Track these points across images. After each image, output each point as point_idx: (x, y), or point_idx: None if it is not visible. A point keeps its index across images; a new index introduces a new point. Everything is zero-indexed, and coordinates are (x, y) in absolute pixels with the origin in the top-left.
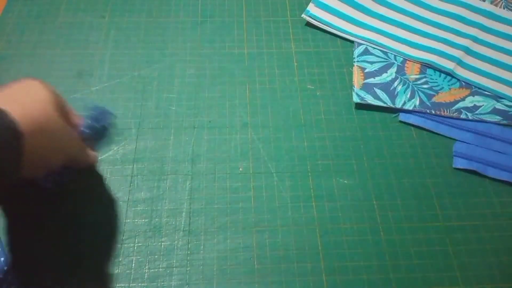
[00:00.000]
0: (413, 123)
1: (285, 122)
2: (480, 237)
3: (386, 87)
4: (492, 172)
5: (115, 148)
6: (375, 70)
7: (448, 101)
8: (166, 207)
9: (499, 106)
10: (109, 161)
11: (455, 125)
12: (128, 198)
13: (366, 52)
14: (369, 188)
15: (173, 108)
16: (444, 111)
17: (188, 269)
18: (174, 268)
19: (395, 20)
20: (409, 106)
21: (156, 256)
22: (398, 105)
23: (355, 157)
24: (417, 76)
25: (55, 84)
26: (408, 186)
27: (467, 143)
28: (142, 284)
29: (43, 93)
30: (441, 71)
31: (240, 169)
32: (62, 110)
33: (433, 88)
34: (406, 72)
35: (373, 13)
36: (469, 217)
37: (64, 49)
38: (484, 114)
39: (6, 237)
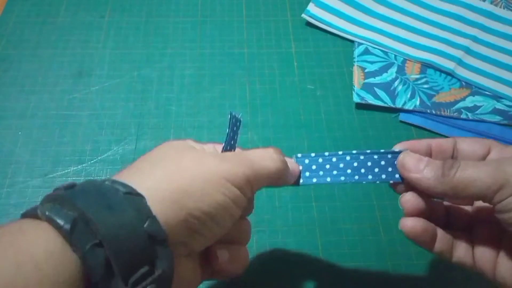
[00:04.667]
0: (414, 123)
1: (285, 122)
2: None
3: (386, 87)
4: None
5: (115, 148)
6: (375, 70)
7: (449, 101)
8: None
9: (499, 106)
10: (109, 161)
11: (456, 125)
12: None
13: (366, 52)
14: (369, 188)
15: (173, 108)
16: (444, 111)
17: None
18: None
19: (396, 20)
20: (409, 106)
21: None
22: (399, 105)
23: None
24: (418, 76)
25: (54, 84)
26: None
27: None
28: None
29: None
30: (441, 71)
31: None
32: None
33: (434, 88)
34: (406, 72)
35: (374, 13)
36: None
37: (64, 49)
38: (485, 114)
39: None
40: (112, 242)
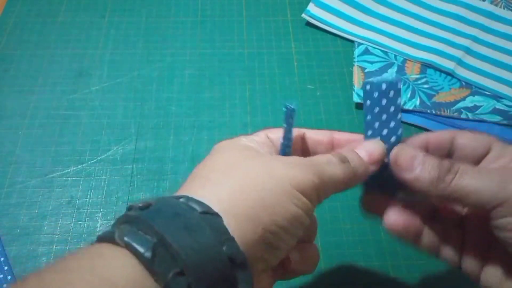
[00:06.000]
0: (414, 123)
1: None
2: None
3: None
4: None
5: (115, 148)
6: (375, 70)
7: (449, 101)
8: None
9: (499, 106)
10: (109, 161)
11: (456, 125)
12: (128, 199)
13: (366, 52)
14: None
15: (173, 108)
16: (444, 111)
17: None
18: None
19: (396, 20)
20: (409, 106)
21: None
22: None
23: None
24: (417, 76)
25: (54, 84)
26: None
27: None
28: None
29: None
30: (441, 71)
31: None
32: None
33: (434, 88)
34: (406, 72)
35: (374, 13)
36: None
37: (64, 49)
38: (485, 114)
39: None
40: (194, 269)
